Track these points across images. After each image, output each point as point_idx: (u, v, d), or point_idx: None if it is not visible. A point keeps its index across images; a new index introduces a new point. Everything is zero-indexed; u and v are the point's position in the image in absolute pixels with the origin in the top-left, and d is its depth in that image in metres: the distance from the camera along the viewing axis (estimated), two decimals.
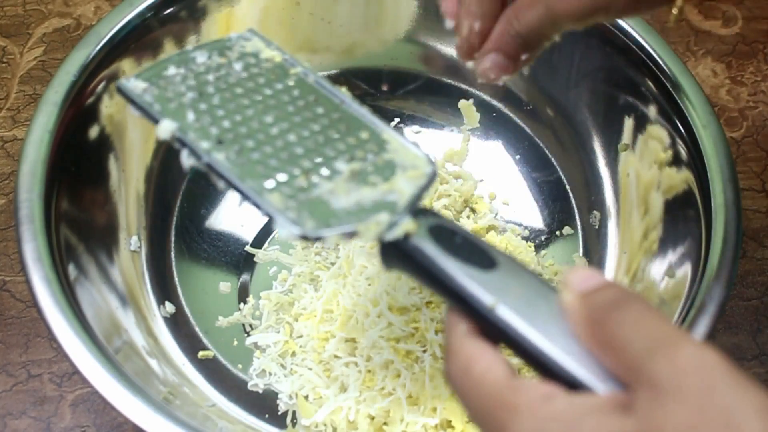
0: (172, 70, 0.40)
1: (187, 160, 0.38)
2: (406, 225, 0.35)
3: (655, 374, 0.27)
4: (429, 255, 0.34)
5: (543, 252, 0.64)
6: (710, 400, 0.26)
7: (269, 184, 0.37)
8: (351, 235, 0.35)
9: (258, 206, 0.36)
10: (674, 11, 0.44)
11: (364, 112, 0.41)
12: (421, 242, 0.35)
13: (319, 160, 0.38)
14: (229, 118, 0.39)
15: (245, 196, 0.37)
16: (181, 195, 0.65)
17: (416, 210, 0.36)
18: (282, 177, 0.37)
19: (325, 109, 0.41)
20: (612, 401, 0.29)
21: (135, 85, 0.39)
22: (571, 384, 0.30)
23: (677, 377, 0.27)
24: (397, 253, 0.36)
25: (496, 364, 0.31)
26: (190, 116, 0.38)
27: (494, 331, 0.32)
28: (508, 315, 0.31)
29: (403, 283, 0.55)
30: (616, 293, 0.31)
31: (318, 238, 0.35)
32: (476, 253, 0.34)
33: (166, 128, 0.38)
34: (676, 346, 0.28)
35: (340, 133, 0.40)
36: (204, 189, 0.66)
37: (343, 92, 0.42)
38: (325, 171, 0.38)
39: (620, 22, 0.59)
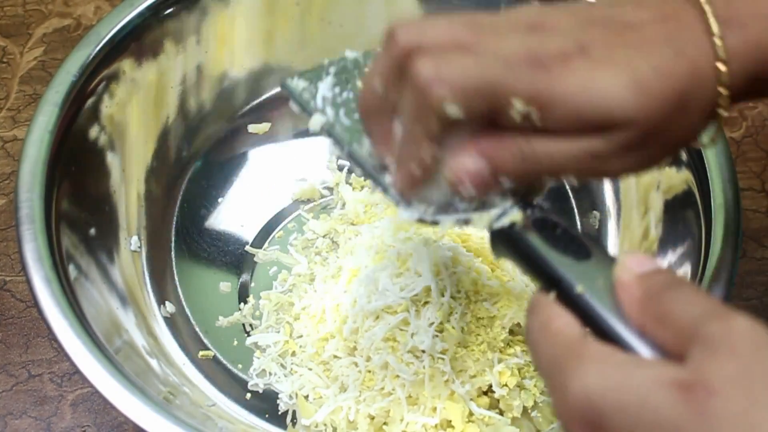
0: (330, 73, 0.44)
1: (333, 148, 0.44)
2: (513, 216, 0.39)
3: (709, 335, 0.30)
4: (531, 243, 0.38)
5: None
6: (759, 359, 0.29)
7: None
8: (465, 222, 0.40)
9: (386, 192, 0.41)
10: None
11: None
12: (525, 232, 0.39)
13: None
14: None
15: (377, 183, 0.41)
16: (181, 195, 0.65)
17: (525, 204, 0.40)
18: None
19: None
20: (666, 360, 0.32)
21: (297, 84, 0.44)
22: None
23: (730, 338, 0.30)
24: (503, 240, 0.40)
25: (572, 325, 0.34)
26: (342, 115, 0.43)
27: (577, 311, 0.35)
28: (593, 301, 0.35)
29: (401, 283, 0.55)
30: (670, 276, 0.34)
31: (435, 222, 0.40)
32: (573, 244, 0.38)
33: (317, 121, 0.42)
34: (729, 316, 0.31)
35: None
36: (204, 189, 0.66)
37: None
38: None
39: None
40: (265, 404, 0.58)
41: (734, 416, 0.28)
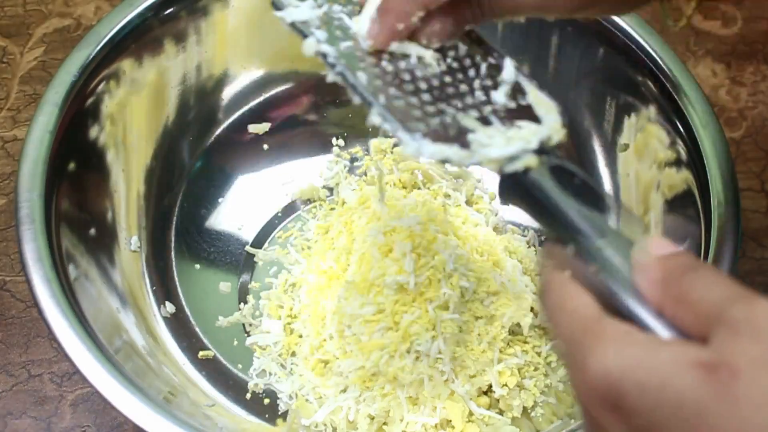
0: None
1: (331, 75, 0.40)
2: (527, 160, 0.37)
3: (732, 317, 0.30)
4: (546, 190, 0.36)
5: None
6: None
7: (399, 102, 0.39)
8: (475, 162, 0.37)
9: (381, 115, 0.38)
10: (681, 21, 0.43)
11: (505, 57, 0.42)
12: (540, 177, 0.36)
13: (455, 102, 0.40)
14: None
15: (371, 105, 0.38)
16: (181, 195, 0.65)
17: (540, 150, 0.38)
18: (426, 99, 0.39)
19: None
20: (688, 341, 0.31)
21: (289, 3, 0.42)
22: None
23: (754, 321, 0.29)
24: (516, 187, 0.37)
25: (589, 304, 0.34)
26: (335, 38, 0.41)
27: (596, 264, 0.34)
28: (613, 258, 0.34)
29: (399, 284, 0.55)
30: (690, 258, 0.34)
31: (432, 154, 0.37)
32: (592, 196, 0.36)
33: (310, 45, 0.40)
34: (752, 299, 0.30)
35: (479, 76, 0.42)
36: (204, 189, 0.66)
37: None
38: (457, 107, 0.39)
39: (620, 22, 0.59)
40: (265, 404, 0.58)
41: (759, 398, 0.28)
